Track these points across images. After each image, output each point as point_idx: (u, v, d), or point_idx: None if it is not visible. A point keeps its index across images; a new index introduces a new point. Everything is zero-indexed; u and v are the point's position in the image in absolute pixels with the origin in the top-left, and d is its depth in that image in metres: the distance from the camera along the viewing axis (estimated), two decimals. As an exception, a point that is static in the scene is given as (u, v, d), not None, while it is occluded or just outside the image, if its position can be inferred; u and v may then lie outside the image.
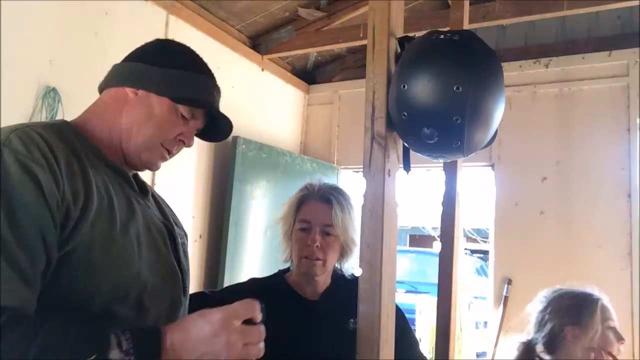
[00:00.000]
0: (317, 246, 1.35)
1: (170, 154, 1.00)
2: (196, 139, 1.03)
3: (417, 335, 5.47)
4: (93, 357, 0.69)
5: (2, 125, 0.89)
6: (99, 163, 0.89)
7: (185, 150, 1.06)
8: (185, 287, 0.98)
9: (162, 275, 0.91)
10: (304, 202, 1.44)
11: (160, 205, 1.07)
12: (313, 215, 1.40)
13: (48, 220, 0.74)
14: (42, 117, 2.24)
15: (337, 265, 1.47)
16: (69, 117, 0.97)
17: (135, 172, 1.01)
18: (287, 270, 1.50)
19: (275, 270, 1.53)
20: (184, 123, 0.97)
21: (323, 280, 1.43)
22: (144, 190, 1.00)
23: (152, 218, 0.96)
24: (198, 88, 0.98)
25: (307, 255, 1.36)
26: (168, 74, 0.95)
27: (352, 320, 1.12)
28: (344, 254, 1.44)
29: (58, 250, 0.76)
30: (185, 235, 1.10)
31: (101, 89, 0.99)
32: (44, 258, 0.74)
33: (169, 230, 0.99)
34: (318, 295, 1.42)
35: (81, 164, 0.83)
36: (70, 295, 0.78)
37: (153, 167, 1.00)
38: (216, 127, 1.04)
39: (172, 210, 1.12)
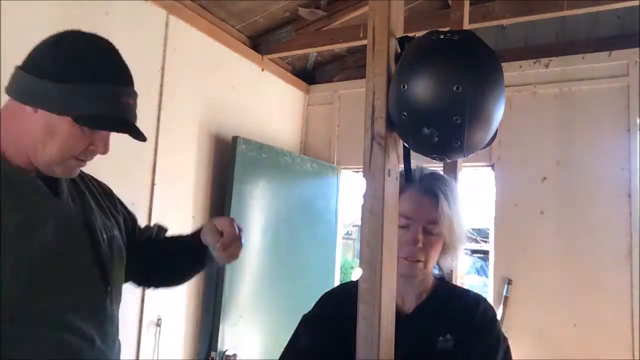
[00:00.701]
0: (419, 247, 1.21)
1: (85, 161, 0.96)
2: None
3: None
4: None
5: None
6: None
7: (185, 150, 1.06)
8: (107, 286, 0.98)
9: (75, 279, 0.91)
10: (402, 192, 1.21)
11: (85, 198, 1.02)
12: (415, 210, 1.23)
13: None
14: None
15: (436, 265, 1.30)
16: None
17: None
18: None
19: (275, 270, 1.51)
20: (92, 134, 0.91)
21: (422, 284, 1.28)
22: (58, 189, 0.96)
23: (68, 219, 0.94)
24: (102, 102, 0.88)
25: (408, 255, 1.21)
26: (65, 90, 0.86)
27: (442, 337, 1.04)
28: (446, 252, 1.27)
29: None
30: (112, 226, 1.06)
31: (8, 93, 0.93)
32: None
33: (88, 226, 0.98)
34: (415, 304, 1.26)
35: None
36: None
37: (69, 175, 0.97)
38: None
39: (102, 198, 1.08)
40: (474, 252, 11.08)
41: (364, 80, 1.17)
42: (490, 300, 3.53)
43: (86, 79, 0.88)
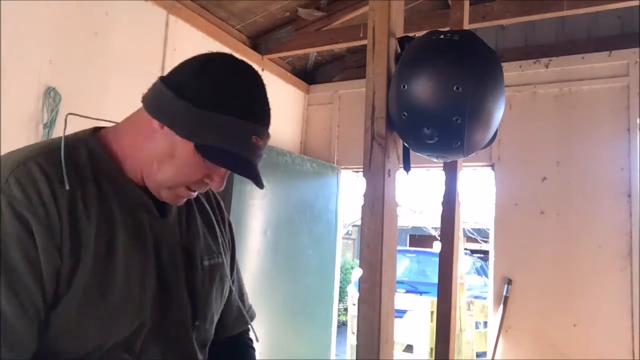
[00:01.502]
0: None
1: (195, 192, 0.90)
2: None
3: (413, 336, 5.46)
4: None
5: (2, 125, 0.88)
6: (110, 187, 0.82)
7: None
8: (195, 318, 0.91)
9: (165, 310, 0.85)
10: None
11: (190, 220, 0.97)
12: None
13: (35, 285, 0.71)
14: (43, 117, 2.24)
15: None
16: (69, 118, 0.93)
17: None
18: None
19: (275, 270, 1.51)
20: (211, 166, 0.85)
21: None
22: (164, 210, 0.91)
23: (168, 240, 0.89)
24: (229, 137, 0.82)
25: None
26: (197, 115, 0.81)
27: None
28: None
29: (50, 305, 0.73)
30: (219, 253, 0.99)
31: (143, 103, 0.88)
32: (31, 322, 0.71)
33: (188, 252, 0.92)
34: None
35: (85, 195, 0.78)
36: (64, 347, 0.74)
37: (175, 204, 0.91)
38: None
39: (218, 221, 1.03)
40: (474, 252, 11.08)
41: (364, 80, 1.17)
42: (490, 300, 3.54)
43: (221, 110, 0.81)
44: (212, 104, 0.81)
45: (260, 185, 0.87)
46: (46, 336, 0.73)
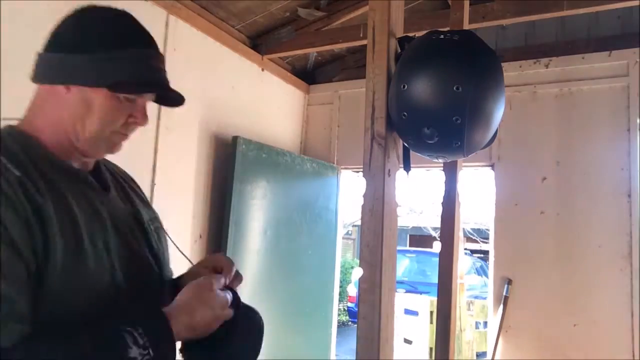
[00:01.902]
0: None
1: (126, 135, 0.93)
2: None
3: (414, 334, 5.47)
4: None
5: (2, 125, 0.88)
6: (52, 171, 0.83)
7: (185, 150, 1.03)
8: (161, 273, 0.96)
9: (136, 272, 0.89)
10: None
11: (125, 190, 1.01)
12: None
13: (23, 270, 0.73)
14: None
15: None
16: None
17: (90, 168, 0.94)
18: None
19: (275, 270, 1.51)
20: (130, 104, 0.89)
21: None
22: (105, 185, 0.94)
23: (118, 213, 0.92)
24: (135, 66, 0.87)
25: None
26: (95, 59, 0.84)
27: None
28: None
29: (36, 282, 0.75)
30: (156, 216, 1.05)
31: (34, 81, 0.90)
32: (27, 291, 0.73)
33: (137, 219, 0.96)
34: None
35: (36, 183, 0.78)
36: (52, 318, 0.77)
37: (114, 150, 0.93)
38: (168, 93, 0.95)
39: (135, 188, 1.06)
40: (474, 252, 11.08)
41: (364, 80, 1.18)
42: (490, 300, 3.54)
43: (116, 45, 0.85)
44: (105, 43, 0.85)
45: (179, 97, 0.93)
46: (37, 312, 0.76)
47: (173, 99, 0.95)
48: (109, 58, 0.84)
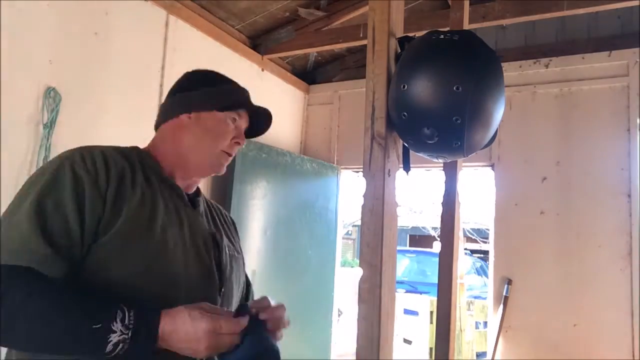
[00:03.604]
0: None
1: (231, 156, 1.16)
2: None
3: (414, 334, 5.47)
4: (98, 326, 0.80)
5: (2, 125, 0.90)
6: (155, 179, 1.04)
7: None
8: (222, 287, 1.07)
9: (197, 273, 1.01)
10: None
11: (216, 221, 1.20)
12: None
13: (75, 214, 0.88)
14: (43, 117, 2.24)
15: None
16: (69, 117, 0.98)
17: (191, 191, 1.15)
18: None
19: (274, 270, 1.52)
20: (234, 127, 1.14)
21: None
22: (195, 204, 1.14)
23: (198, 227, 1.08)
24: (233, 94, 1.18)
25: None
26: (208, 92, 1.14)
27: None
28: None
29: (94, 238, 0.90)
30: (239, 253, 1.23)
31: (157, 127, 1.16)
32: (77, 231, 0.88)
33: (215, 239, 1.11)
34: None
35: (134, 176, 0.99)
36: (105, 278, 0.90)
37: (220, 170, 1.15)
38: (257, 122, 1.22)
39: (230, 230, 1.25)
40: (474, 252, 11.07)
41: (364, 80, 1.18)
42: (490, 300, 3.54)
43: (217, 83, 1.17)
44: (212, 82, 1.18)
45: (267, 113, 1.23)
46: (92, 263, 0.90)
47: (261, 123, 1.23)
48: (214, 90, 1.15)
